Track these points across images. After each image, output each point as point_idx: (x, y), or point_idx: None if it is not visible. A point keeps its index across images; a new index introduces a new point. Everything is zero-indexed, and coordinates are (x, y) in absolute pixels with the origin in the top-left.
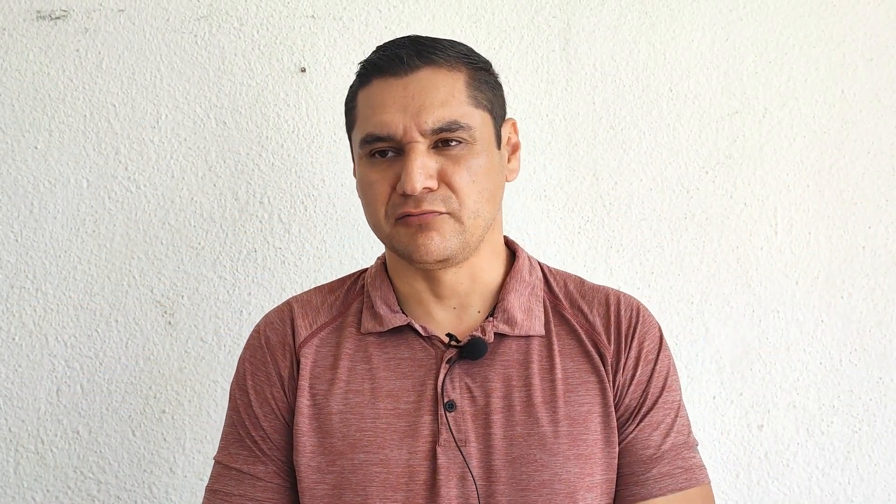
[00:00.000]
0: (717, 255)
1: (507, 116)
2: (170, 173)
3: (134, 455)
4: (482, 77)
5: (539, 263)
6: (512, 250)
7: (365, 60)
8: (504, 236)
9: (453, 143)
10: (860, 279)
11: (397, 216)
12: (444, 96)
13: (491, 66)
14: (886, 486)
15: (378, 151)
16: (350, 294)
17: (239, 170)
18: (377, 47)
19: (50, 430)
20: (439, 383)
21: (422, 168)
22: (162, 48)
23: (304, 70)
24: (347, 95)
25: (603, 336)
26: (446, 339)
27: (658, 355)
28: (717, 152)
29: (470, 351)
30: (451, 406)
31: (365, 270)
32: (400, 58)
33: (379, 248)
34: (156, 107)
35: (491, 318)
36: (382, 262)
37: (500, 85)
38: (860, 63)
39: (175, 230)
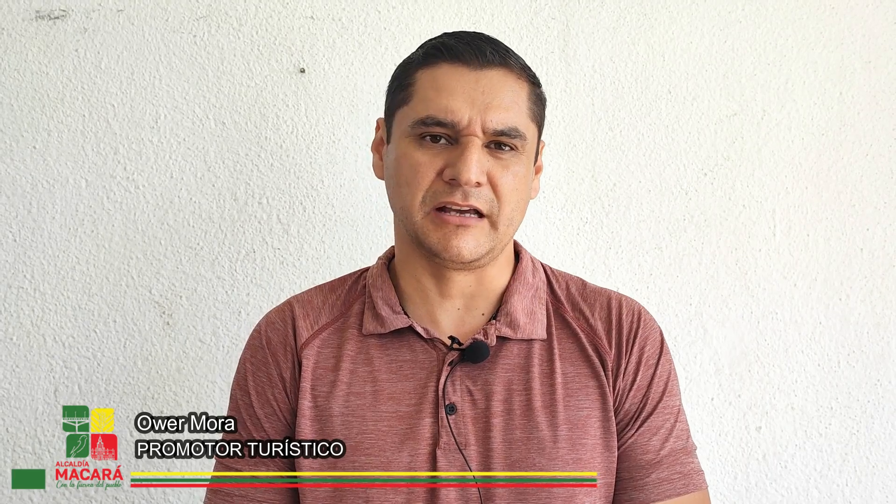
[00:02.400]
0: (715, 257)
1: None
2: (168, 173)
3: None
4: (538, 92)
5: (542, 265)
6: (516, 252)
7: (437, 41)
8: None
9: (505, 148)
10: (858, 281)
11: (437, 205)
12: (509, 101)
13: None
14: (884, 488)
15: (430, 135)
16: (351, 294)
17: (238, 170)
18: (447, 34)
19: (47, 430)
20: (440, 386)
21: (479, 161)
22: (161, 48)
23: (303, 71)
24: (401, 70)
25: (604, 340)
26: (448, 342)
27: (659, 360)
28: (716, 154)
29: (472, 354)
30: (451, 409)
31: (366, 269)
32: (482, 51)
33: (378, 248)
34: (155, 107)
35: (494, 321)
36: (385, 262)
37: (545, 103)
38: (858, 65)
39: (174, 230)
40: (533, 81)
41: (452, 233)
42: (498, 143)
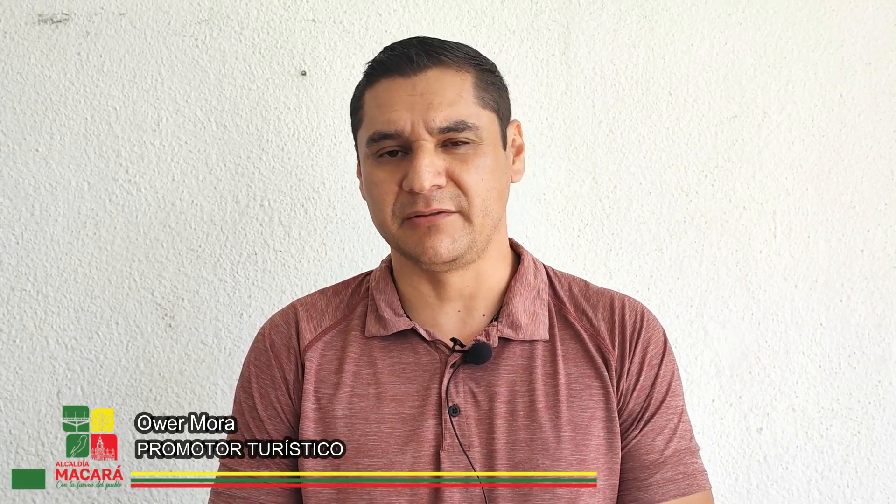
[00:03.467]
0: (716, 259)
1: (512, 118)
2: (170, 176)
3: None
4: (489, 78)
5: (544, 266)
6: (517, 253)
7: (372, 60)
8: (509, 238)
9: (460, 144)
10: (859, 282)
11: (405, 216)
12: (451, 96)
13: (496, 67)
14: (885, 489)
15: (385, 151)
16: (355, 297)
17: (239, 173)
18: (384, 47)
19: (50, 432)
20: (443, 388)
21: (430, 166)
22: (163, 52)
23: (304, 73)
24: (353, 96)
25: (607, 340)
26: (451, 344)
27: (662, 360)
28: (717, 156)
29: (474, 356)
30: (454, 411)
31: (369, 273)
32: (409, 57)
33: (380, 250)
34: (157, 110)
35: (495, 323)
36: (387, 265)
37: (505, 87)
38: (859, 67)
39: (175, 233)
40: (482, 69)
41: (426, 234)
42: (450, 140)
